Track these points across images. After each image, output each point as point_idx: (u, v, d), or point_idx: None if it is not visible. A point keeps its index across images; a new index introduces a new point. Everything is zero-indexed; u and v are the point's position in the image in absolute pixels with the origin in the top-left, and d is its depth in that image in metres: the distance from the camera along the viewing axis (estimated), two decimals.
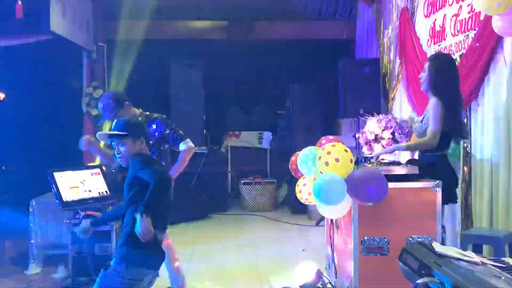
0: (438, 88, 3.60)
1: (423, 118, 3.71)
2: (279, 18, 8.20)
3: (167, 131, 3.98)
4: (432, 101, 3.59)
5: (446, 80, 3.62)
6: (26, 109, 7.62)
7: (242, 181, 8.30)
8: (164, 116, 4.14)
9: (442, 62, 3.71)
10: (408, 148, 3.81)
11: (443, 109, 3.53)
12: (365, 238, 3.49)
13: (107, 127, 3.42)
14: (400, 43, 5.88)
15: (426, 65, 3.71)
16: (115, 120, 3.16)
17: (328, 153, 3.42)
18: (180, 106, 8.52)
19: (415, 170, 3.58)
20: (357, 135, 5.76)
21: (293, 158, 4.17)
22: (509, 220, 3.83)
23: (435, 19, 5.03)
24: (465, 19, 4.44)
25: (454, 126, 3.64)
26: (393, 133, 5.22)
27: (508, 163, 3.86)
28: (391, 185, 3.37)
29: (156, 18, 8.07)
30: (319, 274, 4.15)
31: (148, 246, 2.70)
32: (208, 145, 8.50)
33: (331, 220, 4.06)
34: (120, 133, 2.87)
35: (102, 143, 4.02)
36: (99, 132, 3.10)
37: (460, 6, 4.52)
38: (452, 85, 3.65)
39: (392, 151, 3.92)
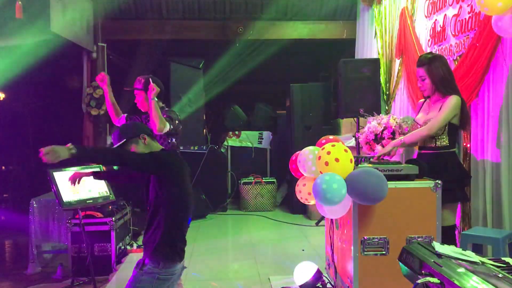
0: (447, 86, 3.67)
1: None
2: (279, 18, 8.20)
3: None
4: (449, 97, 3.63)
5: (449, 75, 3.68)
6: (26, 109, 7.63)
7: (242, 181, 8.30)
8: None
9: (437, 61, 3.75)
10: (405, 140, 3.81)
11: (459, 105, 3.58)
12: (365, 238, 3.49)
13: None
14: (400, 43, 5.88)
15: (421, 72, 3.76)
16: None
17: (328, 153, 3.42)
18: (180, 106, 8.52)
19: (415, 170, 3.58)
20: (357, 135, 5.76)
21: (293, 158, 4.17)
22: (509, 220, 3.84)
23: (436, 20, 5.03)
24: (465, 19, 4.44)
25: (465, 121, 3.70)
26: (393, 133, 5.22)
27: (509, 163, 3.86)
28: (391, 185, 3.37)
29: (156, 18, 8.08)
30: (319, 274, 4.15)
31: (178, 241, 2.77)
32: (208, 145, 8.50)
33: (331, 220, 4.06)
34: (119, 144, 2.82)
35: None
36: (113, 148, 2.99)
37: (460, 6, 4.53)
38: (454, 79, 3.73)
39: (391, 148, 3.91)
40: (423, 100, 3.99)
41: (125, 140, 2.81)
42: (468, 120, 3.76)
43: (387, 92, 6.38)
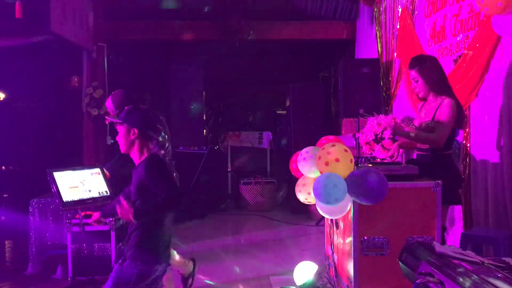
0: (441, 86, 3.66)
1: (432, 117, 3.70)
2: (279, 18, 8.20)
3: None
4: (446, 101, 3.62)
5: (441, 76, 3.69)
6: (26, 109, 7.63)
7: (242, 181, 8.29)
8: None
9: (428, 62, 3.75)
10: (416, 137, 3.76)
11: (457, 109, 3.57)
12: (365, 238, 3.49)
13: None
14: (400, 43, 5.88)
15: (414, 74, 3.74)
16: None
17: (328, 153, 3.42)
18: (180, 106, 8.53)
19: (415, 170, 3.58)
20: (357, 135, 5.76)
21: (293, 158, 4.17)
22: (510, 220, 3.83)
23: (435, 19, 5.03)
24: (465, 19, 4.44)
25: (462, 121, 3.70)
26: (393, 133, 5.22)
27: (509, 163, 3.85)
28: (391, 185, 3.37)
29: (156, 18, 8.08)
30: (319, 274, 4.15)
31: (159, 244, 2.79)
32: (208, 145, 8.51)
33: (331, 220, 4.06)
34: (117, 120, 2.87)
35: None
36: (107, 117, 3.10)
37: (460, 6, 4.53)
38: (446, 79, 3.73)
39: (400, 135, 3.85)
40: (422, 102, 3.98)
41: (121, 121, 2.83)
42: (464, 119, 3.77)
43: (387, 92, 6.38)
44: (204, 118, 9.17)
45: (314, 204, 3.78)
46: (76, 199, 4.46)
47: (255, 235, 6.63)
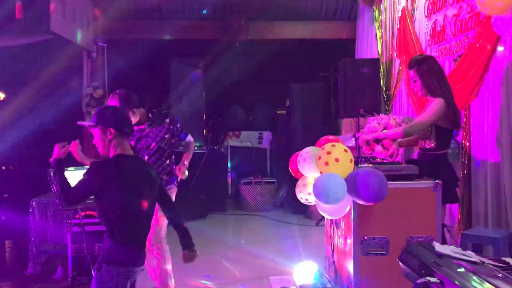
0: (432, 90, 3.66)
1: None
2: (279, 18, 8.21)
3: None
4: (436, 101, 3.63)
5: (436, 78, 3.68)
6: (26, 109, 7.63)
7: (242, 181, 8.29)
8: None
9: (426, 63, 3.75)
10: (387, 135, 3.80)
11: (443, 107, 3.56)
12: (365, 238, 3.49)
13: None
14: (400, 43, 5.88)
15: (412, 74, 3.75)
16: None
17: (328, 153, 3.42)
18: (180, 106, 8.53)
19: (415, 170, 3.58)
20: (357, 135, 5.76)
21: (293, 158, 4.17)
22: (509, 220, 3.83)
23: (436, 19, 5.03)
24: (465, 19, 4.44)
25: (455, 122, 3.69)
26: None
27: (509, 163, 3.85)
28: (391, 185, 3.37)
29: (156, 18, 8.08)
30: (318, 274, 4.15)
31: (135, 244, 2.70)
32: (208, 145, 8.50)
33: (331, 220, 4.06)
34: (90, 123, 2.76)
35: None
36: (78, 122, 3.09)
37: (460, 6, 4.52)
38: (442, 81, 3.71)
39: (373, 139, 3.92)
40: None
41: (95, 124, 2.73)
42: (459, 119, 3.77)
43: (387, 92, 6.38)
44: (204, 118, 9.17)
45: (314, 204, 3.79)
46: None
47: (255, 235, 6.63)
